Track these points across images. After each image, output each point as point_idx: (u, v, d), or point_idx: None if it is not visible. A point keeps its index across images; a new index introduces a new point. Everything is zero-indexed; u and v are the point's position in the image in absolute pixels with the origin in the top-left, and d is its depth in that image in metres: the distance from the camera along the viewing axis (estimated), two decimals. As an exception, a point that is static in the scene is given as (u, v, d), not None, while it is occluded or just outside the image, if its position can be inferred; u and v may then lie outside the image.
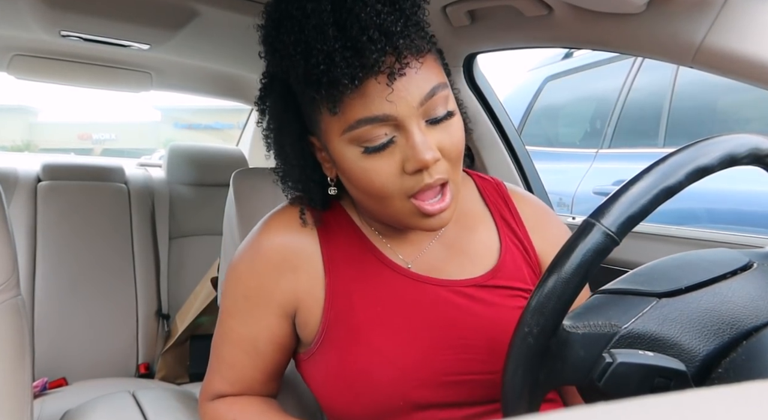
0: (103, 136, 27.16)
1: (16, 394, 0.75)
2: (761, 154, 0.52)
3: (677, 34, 0.77)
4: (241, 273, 0.72)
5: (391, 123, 0.59)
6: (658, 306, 0.51)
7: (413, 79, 0.59)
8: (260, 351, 0.72)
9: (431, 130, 0.61)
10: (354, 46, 0.56)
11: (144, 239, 1.84)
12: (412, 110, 0.59)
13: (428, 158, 0.58)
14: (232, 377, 0.74)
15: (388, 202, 0.63)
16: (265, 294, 0.70)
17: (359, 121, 0.59)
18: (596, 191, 2.30)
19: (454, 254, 0.73)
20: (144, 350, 1.77)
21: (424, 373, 0.65)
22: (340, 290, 0.69)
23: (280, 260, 0.70)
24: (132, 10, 1.25)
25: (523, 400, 0.49)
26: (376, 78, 0.58)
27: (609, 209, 0.47)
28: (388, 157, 0.60)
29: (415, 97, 0.59)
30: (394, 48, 0.57)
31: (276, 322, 0.71)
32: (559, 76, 2.92)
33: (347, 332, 0.67)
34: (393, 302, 0.68)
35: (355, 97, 0.58)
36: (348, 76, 0.56)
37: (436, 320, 0.68)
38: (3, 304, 0.76)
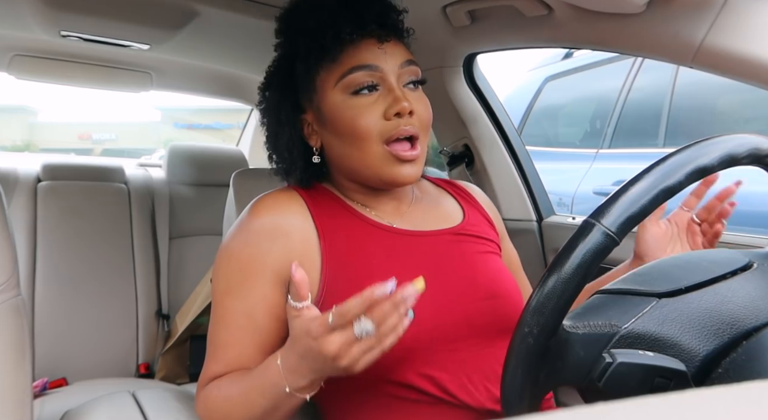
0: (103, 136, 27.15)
1: (16, 394, 0.75)
2: (761, 154, 0.52)
3: (677, 34, 0.77)
4: (233, 249, 0.76)
5: (378, 75, 0.73)
6: (658, 306, 0.51)
7: (396, 47, 0.76)
8: (257, 324, 0.73)
9: (408, 91, 0.75)
10: (354, 9, 0.73)
11: (144, 239, 1.84)
12: (394, 68, 0.74)
13: (405, 105, 0.72)
14: (228, 358, 0.74)
15: (367, 146, 0.73)
16: (259, 262, 0.74)
17: (353, 67, 0.73)
18: (596, 191, 2.30)
19: (428, 216, 0.84)
20: (144, 350, 1.77)
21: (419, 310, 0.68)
22: (335, 250, 0.75)
23: (272, 228, 0.75)
24: (132, 10, 1.25)
25: (523, 399, 0.49)
26: (370, 39, 0.74)
27: (609, 209, 0.48)
28: (372, 103, 0.73)
29: (398, 59, 0.75)
30: (386, 22, 0.75)
31: (271, 291, 0.74)
32: (559, 76, 2.92)
33: (348, 285, 0.71)
34: (386, 255, 0.76)
35: (351, 50, 0.73)
36: (347, 31, 0.72)
37: (423, 264, 0.76)
38: (3, 305, 0.76)
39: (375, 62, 0.73)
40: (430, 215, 0.84)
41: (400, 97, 0.72)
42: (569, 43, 0.98)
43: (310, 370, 0.62)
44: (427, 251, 0.78)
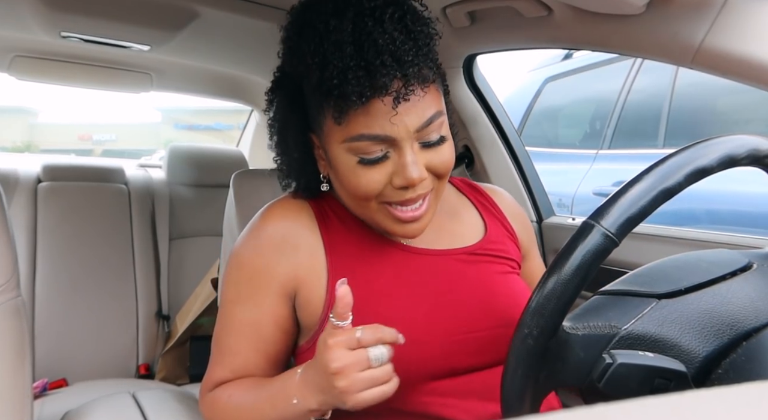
0: (103, 136, 27.16)
1: (16, 394, 0.75)
2: (760, 155, 0.52)
3: (677, 35, 0.77)
4: (243, 257, 0.75)
5: (389, 142, 0.65)
6: (657, 307, 0.51)
7: (415, 105, 0.64)
8: (263, 335, 0.73)
9: (423, 151, 0.67)
10: (367, 67, 0.61)
11: (144, 240, 1.84)
12: (409, 133, 0.64)
13: (415, 177, 0.64)
14: (235, 365, 0.74)
15: (365, 204, 0.69)
16: (268, 273, 0.73)
17: (361, 135, 0.64)
18: (596, 192, 2.30)
19: (444, 235, 0.78)
20: (144, 351, 1.77)
21: (428, 337, 0.69)
22: (341, 268, 0.72)
23: (281, 240, 0.73)
24: (132, 11, 1.25)
25: (523, 401, 0.49)
26: (383, 99, 0.62)
27: (608, 210, 0.48)
28: (379, 169, 0.66)
29: (415, 122, 0.64)
30: (403, 74, 0.62)
31: (278, 304, 0.73)
32: (559, 77, 2.92)
33: (354, 306, 0.68)
34: (393, 274, 0.73)
35: (361, 113, 0.63)
36: (357, 93, 0.61)
37: (434, 287, 0.73)
38: (3, 305, 0.76)
39: (386, 132, 0.63)
40: (446, 231, 0.79)
41: (410, 168, 0.64)
42: (569, 43, 0.98)
43: (317, 387, 0.61)
44: (440, 272, 0.74)
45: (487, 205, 0.85)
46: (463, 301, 0.72)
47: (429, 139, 0.67)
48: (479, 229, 0.81)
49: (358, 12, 0.63)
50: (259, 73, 1.82)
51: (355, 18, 0.62)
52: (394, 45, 0.61)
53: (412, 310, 0.70)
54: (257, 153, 2.31)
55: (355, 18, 0.62)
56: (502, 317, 0.72)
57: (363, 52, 0.61)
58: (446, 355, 0.70)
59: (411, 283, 0.72)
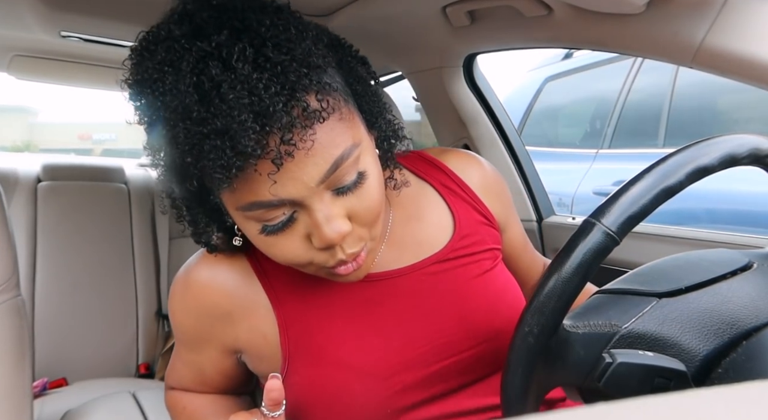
0: (103, 136, 27.14)
1: (16, 394, 0.75)
2: (761, 155, 0.52)
3: (677, 35, 0.77)
4: (176, 310, 0.68)
5: (287, 205, 0.52)
6: (658, 306, 0.51)
7: (307, 157, 0.49)
8: (207, 378, 0.73)
9: (339, 199, 0.53)
10: (224, 132, 0.46)
11: (144, 239, 1.84)
12: (310, 190, 0.50)
13: (334, 237, 0.52)
14: (184, 383, 0.76)
15: (301, 268, 0.58)
16: (203, 335, 0.67)
17: (251, 204, 0.51)
18: (596, 191, 2.30)
19: (406, 248, 0.68)
20: (144, 350, 1.77)
21: (403, 374, 0.63)
22: (291, 319, 0.64)
23: (210, 306, 0.64)
24: (132, 10, 1.25)
25: (523, 399, 0.49)
26: (257, 164, 0.48)
27: (609, 209, 0.47)
28: (290, 235, 0.53)
29: (313, 177, 0.50)
30: (278, 128, 0.47)
31: (218, 357, 0.69)
32: (559, 77, 2.92)
33: (312, 357, 0.63)
34: (352, 312, 0.64)
35: (241, 180, 0.49)
36: (221, 167, 0.46)
37: (402, 315, 0.64)
38: (3, 305, 0.76)
39: (279, 196, 0.50)
40: (410, 240, 0.68)
41: (324, 228, 0.51)
42: (569, 43, 0.98)
43: None
44: (405, 295, 0.65)
45: (453, 186, 0.72)
46: (438, 325, 0.64)
47: (342, 184, 0.52)
48: (447, 226, 0.69)
49: (199, 57, 0.47)
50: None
51: (197, 66, 0.47)
52: (253, 94, 0.46)
53: (381, 350, 0.62)
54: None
55: (196, 66, 0.47)
56: (484, 332, 0.65)
57: (213, 113, 0.46)
58: (426, 386, 0.63)
59: (374, 319, 0.63)
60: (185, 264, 0.68)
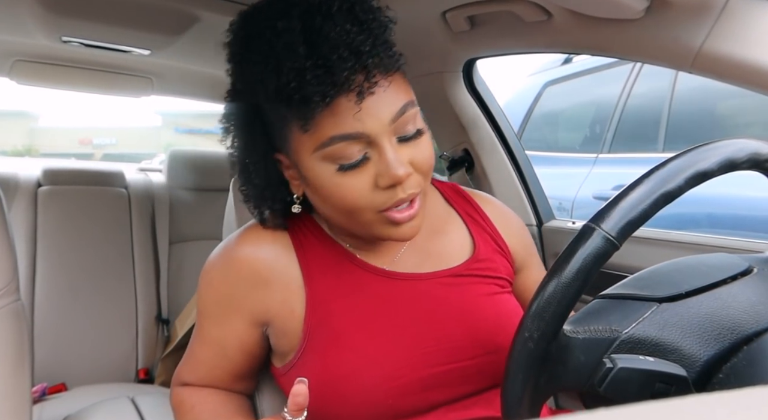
0: (103, 140, 27.18)
1: (16, 399, 0.75)
2: (761, 159, 0.52)
3: (676, 40, 0.77)
4: (213, 279, 0.73)
5: (364, 140, 0.60)
6: (658, 311, 0.51)
7: (383, 97, 0.60)
8: (228, 353, 0.74)
9: (402, 146, 0.62)
10: (325, 65, 0.57)
11: (144, 244, 1.84)
12: (383, 127, 0.60)
13: (401, 174, 0.60)
14: (201, 373, 0.76)
15: (359, 216, 0.63)
16: (235, 303, 0.71)
17: (332, 138, 0.60)
18: (596, 196, 2.30)
19: (429, 257, 0.74)
20: (143, 355, 1.76)
21: (408, 370, 0.66)
22: (319, 299, 0.69)
23: (250, 273, 0.70)
24: (133, 15, 1.25)
25: (524, 404, 0.49)
26: (347, 96, 0.58)
27: (609, 214, 0.48)
28: (361, 174, 0.61)
29: (386, 114, 0.60)
30: (363, 66, 0.58)
31: (245, 330, 0.72)
32: (559, 81, 2.93)
33: (330, 339, 0.67)
34: (372, 304, 0.69)
35: (327, 114, 0.59)
36: (319, 93, 0.57)
37: (416, 315, 0.69)
38: (3, 309, 0.76)
39: (358, 129, 0.59)
40: (431, 251, 0.74)
41: (393, 165, 0.60)
42: (569, 48, 0.98)
43: None
44: (422, 299, 0.70)
45: (477, 217, 0.80)
46: (446, 330, 0.69)
47: (405, 133, 0.62)
48: (467, 247, 0.76)
49: (304, 10, 0.59)
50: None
51: (303, 16, 0.59)
52: (348, 37, 0.58)
53: (392, 344, 0.67)
54: (257, 157, 2.31)
55: (302, 16, 0.59)
56: (487, 344, 0.69)
57: (317, 49, 0.57)
58: (427, 389, 0.67)
59: (391, 314, 0.69)
60: (227, 238, 0.75)
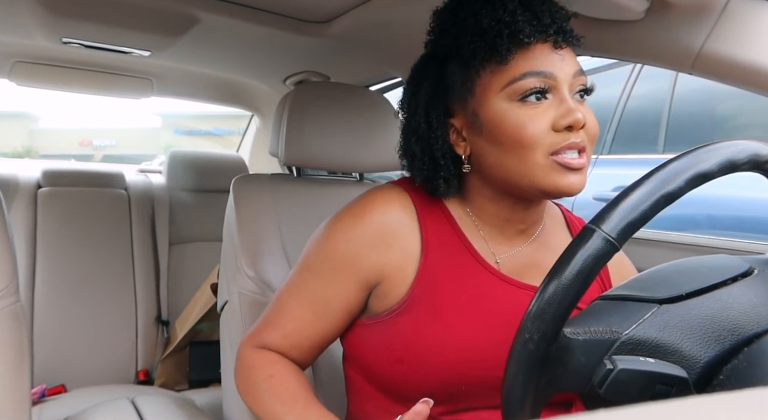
0: (103, 142, 27.17)
1: (15, 400, 0.75)
2: (761, 161, 0.52)
3: (676, 41, 0.77)
4: (335, 236, 0.75)
5: (551, 83, 0.66)
6: (658, 312, 0.51)
7: (569, 55, 0.69)
8: (329, 312, 0.74)
9: (577, 104, 0.67)
10: (532, 11, 0.67)
11: (144, 245, 1.84)
12: (568, 76, 0.67)
13: (579, 118, 0.65)
14: (289, 329, 0.76)
15: (531, 157, 0.66)
16: (353, 264, 0.73)
17: (526, 73, 0.66)
18: (596, 197, 2.30)
19: (535, 265, 0.76)
20: (143, 357, 1.76)
21: (488, 365, 0.69)
22: (428, 272, 0.72)
23: (376, 235, 0.73)
24: (133, 16, 1.25)
25: (524, 406, 0.49)
26: (544, 43, 0.67)
27: (609, 215, 0.47)
28: (542, 113, 0.66)
29: (572, 67, 0.68)
30: (562, 23, 0.68)
31: (354, 291, 0.74)
32: (559, 83, 2.93)
33: (428, 311, 0.70)
34: (475, 294, 0.72)
35: (524, 54, 0.66)
36: (526, 32, 0.65)
37: (510, 318, 0.70)
38: (2, 311, 0.76)
39: (549, 69, 0.66)
40: (537, 264, 0.76)
41: (574, 108, 0.65)
42: (569, 49, 0.98)
43: None
44: (518, 305, 0.70)
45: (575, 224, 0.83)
46: None
47: (580, 90, 0.69)
48: None
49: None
50: (260, 79, 1.82)
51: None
52: (552, 4, 0.69)
53: (481, 336, 0.70)
54: (257, 158, 2.32)
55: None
56: None
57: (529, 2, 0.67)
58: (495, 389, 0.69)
59: (489, 309, 0.71)
60: (356, 199, 0.77)
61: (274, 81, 1.74)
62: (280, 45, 1.36)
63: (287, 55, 1.44)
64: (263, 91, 1.93)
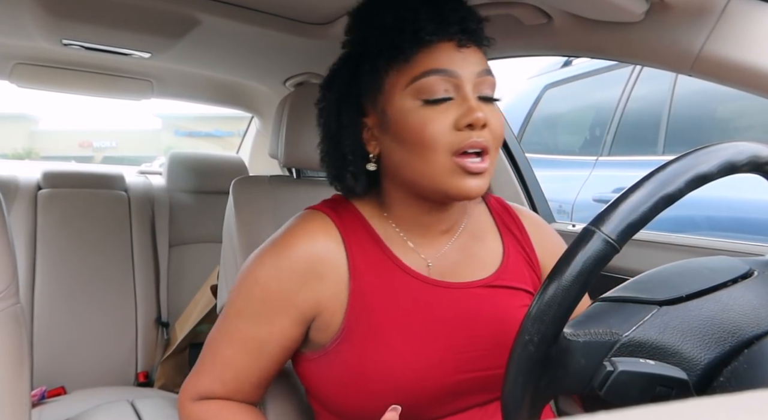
0: (103, 143, 27.16)
1: (15, 403, 0.75)
2: (761, 162, 0.52)
3: (676, 43, 0.77)
4: (260, 276, 0.72)
5: (453, 82, 0.67)
6: (658, 314, 0.51)
7: (474, 54, 0.69)
8: (265, 353, 0.73)
9: (480, 104, 0.68)
10: (437, 9, 0.67)
11: (144, 247, 1.84)
12: (471, 75, 0.67)
13: (480, 116, 0.65)
14: (227, 376, 0.73)
15: (433, 157, 0.66)
16: (287, 301, 0.71)
17: (428, 70, 0.66)
18: (596, 198, 2.30)
19: (466, 258, 0.77)
20: (143, 358, 1.76)
21: (439, 374, 0.69)
22: (361, 293, 0.71)
23: (305, 268, 0.71)
24: (133, 18, 1.25)
25: (524, 408, 0.49)
26: (448, 41, 0.67)
27: (609, 217, 0.47)
28: (443, 112, 0.66)
29: (475, 66, 0.68)
30: (467, 23, 0.68)
31: (290, 327, 0.72)
32: (559, 84, 2.93)
33: (367, 333, 0.70)
34: (410, 306, 0.71)
35: (427, 51, 0.67)
36: (428, 30, 0.66)
37: (450, 321, 0.72)
38: (2, 312, 0.75)
39: (452, 67, 0.66)
40: (467, 259, 0.77)
41: (475, 107, 0.65)
42: (568, 51, 0.98)
43: None
44: (456, 306, 0.73)
45: (513, 227, 0.83)
46: (476, 339, 0.71)
47: (485, 93, 0.69)
48: (498, 257, 0.79)
49: None
50: (260, 80, 1.82)
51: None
52: (461, 4, 0.70)
53: (426, 346, 0.69)
54: (257, 160, 2.32)
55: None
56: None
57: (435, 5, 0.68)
58: (454, 393, 0.70)
59: (426, 318, 0.71)
60: (274, 236, 0.75)
61: (274, 83, 1.74)
62: (280, 47, 1.36)
63: (287, 56, 1.44)
64: (263, 93, 1.93)
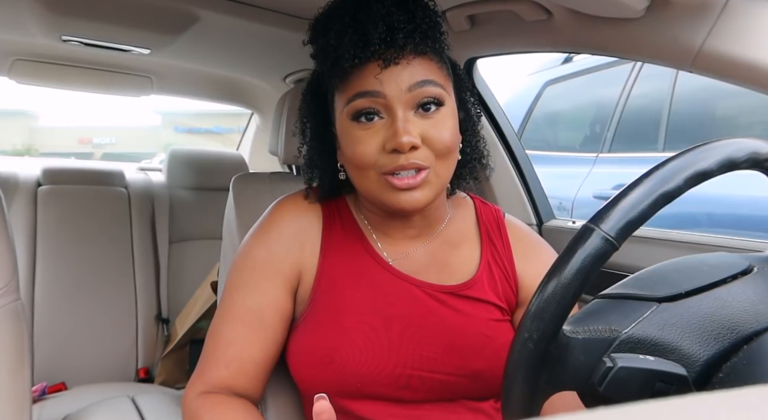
0: (103, 140, 27.11)
1: (16, 398, 0.75)
2: (760, 159, 0.52)
3: (677, 39, 0.77)
4: (251, 246, 0.77)
5: (381, 102, 0.67)
6: (658, 310, 0.51)
7: (406, 68, 0.67)
8: (265, 322, 0.74)
9: (419, 119, 0.68)
10: (361, 32, 0.66)
11: (144, 243, 1.84)
12: (399, 93, 0.66)
13: (404, 142, 0.65)
14: (230, 356, 0.72)
15: (366, 174, 0.69)
16: (275, 266, 0.75)
17: (356, 94, 0.68)
18: (596, 195, 2.30)
19: (434, 263, 0.77)
20: (143, 354, 1.77)
21: (384, 361, 0.71)
22: (327, 271, 0.75)
23: (290, 236, 0.76)
24: (133, 14, 1.25)
25: (523, 405, 0.49)
26: (376, 61, 0.66)
27: (608, 214, 0.47)
28: (373, 133, 0.68)
29: (405, 81, 0.67)
30: (393, 40, 0.66)
31: (282, 294, 0.75)
32: (559, 81, 2.93)
33: (326, 311, 0.73)
34: (371, 291, 0.74)
35: (356, 74, 0.67)
36: (350, 54, 0.66)
37: (406, 315, 0.73)
38: (2, 309, 0.76)
39: (376, 88, 0.66)
40: (435, 264, 0.77)
41: (400, 131, 0.65)
42: (569, 47, 0.98)
43: None
44: (415, 303, 0.74)
45: (497, 240, 0.81)
46: (427, 340, 0.72)
47: (423, 107, 0.68)
48: (472, 268, 0.78)
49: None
50: (260, 77, 1.82)
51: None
52: (388, 15, 0.66)
53: (378, 333, 0.72)
54: (257, 156, 2.32)
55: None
56: (462, 367, 0.72)
57: (359, 20, 0.66)
58: (396, 386, 0.71)
59: (385, 306, 0.73)
60: (263, 214, 0.81)
61: (273, 79, 1.73)
62: (280, 43, 1.36)
63: (287, 53, 1.44)
64: (263, 89, 1.93)
